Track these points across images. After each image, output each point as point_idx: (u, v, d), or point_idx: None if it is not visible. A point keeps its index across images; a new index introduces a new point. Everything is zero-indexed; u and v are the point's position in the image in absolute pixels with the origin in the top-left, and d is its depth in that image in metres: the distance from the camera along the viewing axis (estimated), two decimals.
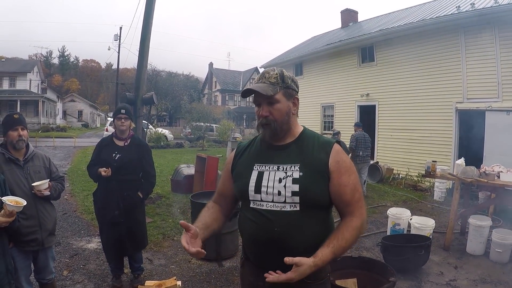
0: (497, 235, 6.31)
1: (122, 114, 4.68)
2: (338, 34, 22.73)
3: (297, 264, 1.87)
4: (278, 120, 2.12)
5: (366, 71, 17.20)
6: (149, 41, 9.51)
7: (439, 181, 11.25)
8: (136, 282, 4.93)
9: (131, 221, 4.77)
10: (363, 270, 4.33)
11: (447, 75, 13.17)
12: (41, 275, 3.97)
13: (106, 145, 4.75)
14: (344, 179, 2.08)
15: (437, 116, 13.56)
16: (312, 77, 21.01)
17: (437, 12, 14.41)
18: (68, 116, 62.47)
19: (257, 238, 2.12)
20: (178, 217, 8.51)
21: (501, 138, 11.23)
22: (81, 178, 12.81)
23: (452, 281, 5.54)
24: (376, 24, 18.88)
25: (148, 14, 9.29)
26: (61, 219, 7.87)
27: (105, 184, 4.59)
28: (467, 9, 12.51)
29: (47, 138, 29.83)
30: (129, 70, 72.13)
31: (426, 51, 14.01)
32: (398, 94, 15.30)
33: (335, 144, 2.15)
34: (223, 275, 5.55)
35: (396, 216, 7.32)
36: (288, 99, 2.17)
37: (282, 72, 2.19)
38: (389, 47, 15.73)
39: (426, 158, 10.71)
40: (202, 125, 29.40)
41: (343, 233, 2.02)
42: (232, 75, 61.32)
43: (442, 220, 8.74)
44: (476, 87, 12.31)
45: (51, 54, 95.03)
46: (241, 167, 2.29)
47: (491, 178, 6.67)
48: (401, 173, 14.59)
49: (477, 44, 12.22)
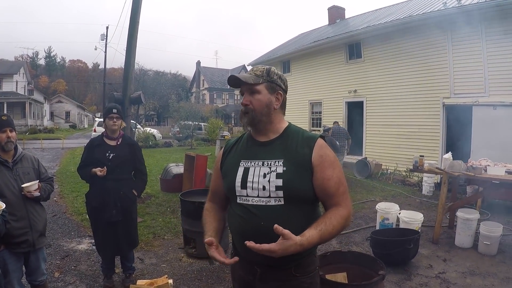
0: (485, 228, 6.37)
1: (114, 114, 4.67)
2: (326, 31, 22.73)
3: (284, 236, 1.85)
4: (256, 110, 2.17)
5: (354, 68, 17.26)
6: (136, 40, 9.48)
7: (427, 175, 11.33)
8: (128, 281, 4.92)
9: (127, 220, 4.80)
10: (353, 264, 4.34)
11: (434, 71, 13.26)
12: (32, 277, 3.93)
13: (98, 145, 4.71)
14: (328, 173, 2.09)
15: (425, 112, 13.65)
16: (300, 74, 21.04)
17: (423, 8, 14.49)
18: (55, 118, 61.94)
19: (244, 232, 2.13)
20: (168, 216, 8.51)
21: (488, 132, 11.32)
22: (70, 179, 12.72)
23: (441, 273, 5.59)
24: (363, 21, 18.94)
25: (135, 12, 9.26)
26: (51, 221, 7.79)
27: (100, 184, 4.56)
28: (454, 5, 12.59)
29: (34, 140, 29.50)
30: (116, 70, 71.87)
31: (413, 47, 14.10)
32: (385, 90, 15.38)
33: (318, 139, 2.17)
34: (214, 273, 5.55)
35: (385, 210, 7.37)
36: (271, 93, 2.21)
37: (270, 68, 2.25)
38: (376, 43, 15.77)
39: (414, 153, 10.78)
40: (190, 124, 29.24)
41: (330, 218, 2.02)
42: (220, 73, 61.17)
43: (431, 214, 8.81)
44: (463, 83, 12.40)
45: (37, 55, 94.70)
46: (228, 164, 2.32)
47: (478, 171, 6.73)
48: (390, 168, 14.66)
49: (464, 39, 12.30)
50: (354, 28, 17.97)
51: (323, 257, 4.33)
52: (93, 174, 4.50)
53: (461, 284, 5.24)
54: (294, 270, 2.12)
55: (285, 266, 2.08)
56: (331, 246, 6.69)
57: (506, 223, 7.99)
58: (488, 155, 8.02)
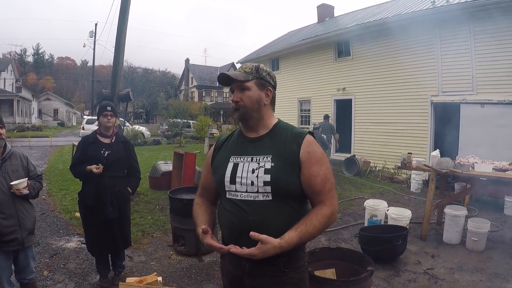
0: (472, 224, 6.42)
1: (108, 111, 4.67)
2: (315, 29, 22.76)
3: (262, 242, 1.92)
4: (247, 106, 2.19)
5: (342, 66, 17.31)
6: (125, 37, 9.45)
7: (416, 173, 11.40)
8: (118, 279, 4.89)
9: (122, 217, 4.82)
10: (341, 260, 4.37)
11: (423, 69, 13.33)
12: (22, 275, 3.90)
13: (92, 142, 4.69)
14: (315, 169, 2.11)
15: (413, 109, 13.73)
16: (289, 72, 21.04)
17: (412, 7, 14.56)
18: (43, 115, 61.49)
19: (233, 227, 2.15)
20: (157, 214, 8.49)
21: (476, 130, 11.43)
22: (58, 177, 12.65)
23: (429, 269, 5.63)
24: (352, 19, 18.97)
25: (124, 10, 9.23)
26: (40, 219, 7.74)
27: (96, 181, 4.55)
28: (442, 4, 12.67)
29: (22, 138, 29.28)
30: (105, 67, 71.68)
31: (402, 45, 14.16)
32: (374, 88, 15.43)
33: (307, 135, 2.19)
34: (204, 270, 5.55)
35: (373, 207, 7.40)
36: (261, 89, 2.25)
37: (259, 65, 2.28)
38: (365, 41, 15.81)
39: (402, 150, 10.85)
40: (179, 121, 29.17)
41: (311, 219, 2.06)
42: (209, 71, 60.86)
43: (419, 211, 8.87)
44: (451, 81, 12.49)
45: (25, 52, 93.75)
46: (219, 159, 2.34)
47: (466, 168, 6.79)
48: (378, 165, 14.72)
49: (452, 38, 12.38)
50: (343, 26, 18.02)
51: (312, 253, 4.35)
52: (88, 172, 4.49)
53: (449, 279, 5.28)
54: (283, 265, 2.14)
55: (274, 261, 2.08)
56: (320, 243, 6.71)
57: (494, 220, 8.08)
58: (476, 153, 8.10)
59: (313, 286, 3.47)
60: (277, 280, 2.16)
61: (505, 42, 10.94)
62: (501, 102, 11.02)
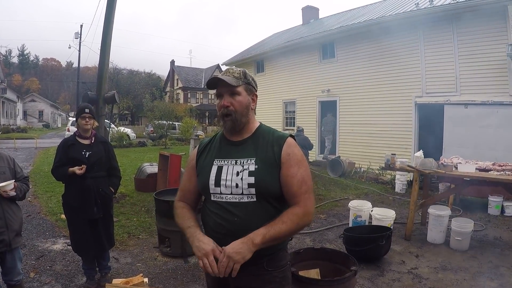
0: (456, 224, 6.49)
1: (86, 114, 4.65)
2: (299, 30, 22.85)
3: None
4: (238, 111, 2.22)
5: (327, 67, 17.41)
6: (111, 39, 9.39)
7: (400, 173, 11.49)
8: (104, 280, 4.87)
9: (106, 216, 4.84)
10: (325, 260, 4.39)
11: (407, 70, 13.48)
12: (9, 276, 3.89)
13: (72, 144, 4.68)
14: (292, 171, 2.16)
15: (397, 110, 13.86)
16: (274, 73, 21.13)
17: (396, 9, 14.71)
18: (28, 117, 61.00)
19: (219, 228, 2.17)
20: (143, 215, 8.49)
21: (460, 130, 11.58)
22: (43, 179, 12.53)
23: (413, 269, 5.67)
24: (337, 21, 19.11)
25: (109, 11, 9.18)
26: (26, 221, 7.63)
27: (79, 182, 4.54)
28: (426, 6, 12.78)
29: (7, 140, 28.94)
30: (90, 69, 71.19)
31: (386, 47, 14.27)
32: (358, 89, 15.54)
33: (288, 138, 2.25)
34: (189, 271, 5.54)
35: (357, 208, 7.45)
36: (249, 94, 2.29)
37: (245, 70, 2.33)
38: (350, 43, 15.96)
39: (387, 151, 10.91)
40: (164, 123, 29.04)
41: (281, 215, 2.11)
42: (194, 72, 60.66)
43: (403, 211, 8.94)
44: (435, 82, 12.63)
45: (10, 53, 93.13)
46: (203, 162, 2.36)
47: (449, 169, 6.86)
48: (363, 166, 14.76)
49: (436, 40, 12.54)
50: (328, 28, 18.12)
51: (296, 253, 4.38)
52: (71, 173, 4.48)
53: (433, 279, 5.32)
54: (266, 264, 2.18)
55: (257, 261, 2.11)
56: (305, 243, 6.74)
57: (478, 219, 8.18)
58: (460, 153, 8.20)
59: (297, 286, 3.51)
60: (261, 279, 2.19)
61: (488, 43, 11.08)
62: (485, 103, 11.16)
